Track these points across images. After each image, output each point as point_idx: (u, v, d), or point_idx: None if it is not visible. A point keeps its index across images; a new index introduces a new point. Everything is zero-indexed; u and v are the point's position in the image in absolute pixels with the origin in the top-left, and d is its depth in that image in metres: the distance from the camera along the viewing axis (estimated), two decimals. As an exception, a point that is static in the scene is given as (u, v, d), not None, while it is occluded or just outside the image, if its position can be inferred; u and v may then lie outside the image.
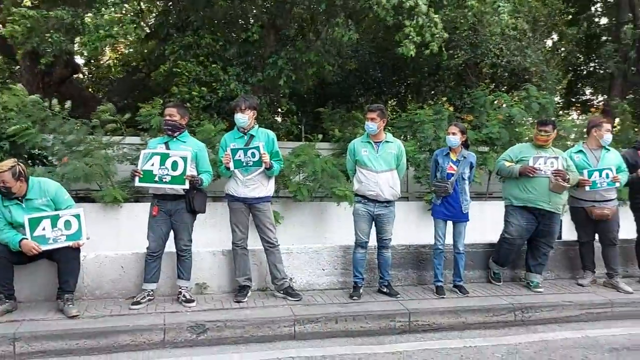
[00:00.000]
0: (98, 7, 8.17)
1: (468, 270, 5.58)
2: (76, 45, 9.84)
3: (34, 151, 7.32)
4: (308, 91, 13.08)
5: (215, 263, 5.11)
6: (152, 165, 4.55)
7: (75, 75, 14.46)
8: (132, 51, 15.75)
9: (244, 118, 4.80)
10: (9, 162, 4.26)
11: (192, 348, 4.14)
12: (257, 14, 10.44)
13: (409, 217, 7.93)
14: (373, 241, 5.16)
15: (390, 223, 5.06)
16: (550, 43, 15.77)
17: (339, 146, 9.15)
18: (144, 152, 4.65)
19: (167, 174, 4.53)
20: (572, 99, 18.13)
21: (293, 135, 11.23)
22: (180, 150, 4.63)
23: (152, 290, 4.72)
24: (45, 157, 7.43)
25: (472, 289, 5.35)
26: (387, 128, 7.03)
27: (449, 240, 5.27)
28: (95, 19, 7.97)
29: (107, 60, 17.58)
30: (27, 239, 4.19)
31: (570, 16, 15.37)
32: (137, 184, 4.65)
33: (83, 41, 8.06)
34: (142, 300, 4.59)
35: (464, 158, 5.25)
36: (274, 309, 4.63)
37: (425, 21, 7.72)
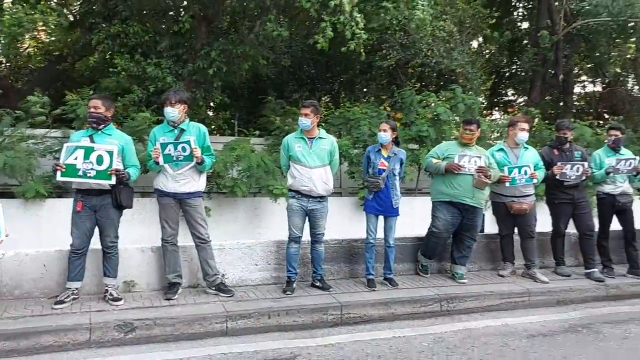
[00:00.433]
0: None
1: (398, 264, 5.75)
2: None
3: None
4: (241, 86, 12.94)
5: (144, 260, 4.98)
6: (76, 159, 4.36)
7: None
8: (54, 40, 14.88)
9: (174, 112, 4.69)
10: None
11: (120, 347, 4.02)
12: (188, 5, 10.17)
13: (342, 212, 8.04)
14: (307, 236, 5.21)
15: (323, 218, 5.12)
16: (476, 45, 16.47)
17: (275, 141, 9.11)
18: (67, 146, 4.45)
19: (92, 169, 4.36)
20: (495, 100, 19.04)
21: (226, 129, 11.07)
22: (105, 144, 4.46)
23: (76, 288, 4.54)
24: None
25: (401, 281, 5.52)
26: (321, 124, 7.11)
27: (380, 234, 5.41)
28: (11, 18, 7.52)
29: (26, 49, 16.50)
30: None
31: (494, 20, 16.10)
32: (59, 178, 4.44)
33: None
34: (66, 300, 4.40)
35: (394, 154, 5.39)
36: (205, 305, 4.57)
37: (348, 19, 7.84)
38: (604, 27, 13.70)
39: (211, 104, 12.30)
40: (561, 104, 16.41)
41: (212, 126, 10.92)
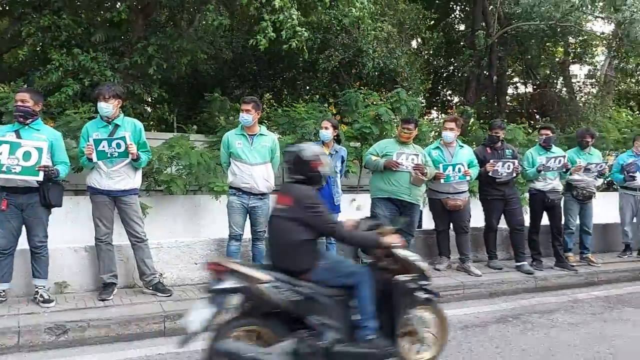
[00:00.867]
0: None
1: (339, 260, 5.81)
2: None
3: None
4: (181, 81, 12.65)
5: (77, 260, 4.80)
6: (0, 154, 4.12)
7: None
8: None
9: (108, 107, 4.54)
10: None
11: (51, 350, 3.88)
12: (124, -4, 9.83)
13: (283, 210, 8.01)
14: (247, 234, 5.18)
15: (264, 215, 5.09)
16: (415, 45, 16.89)
17: (216, 137, 8.97)
18: (-10, 140, 4.20)
19: (17, 164, 4.13)
20: (434, 100, 19.62)
21: (165, 127, 10.78)
22: (33, 140, 4.25)
23: (3, 290, 4.34)
24: None
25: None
26: (264, 121, 7.07)
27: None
28: None
29: (-54, 37, 15.42)
30: None
31: (432, 21, 16.56)
32: (-19, 174, 4.19)
33: None
34: (-8, 303, 4.18)
35: (336, 152, 5.46)
36: (142, 306, 4.46)
37: (286, 17, 7.85)
38: (536, 30, 14.41)
39: (148, 99, 11.94)
40: (495, 104, 17.12)
41: (151, 122, 10.58)
